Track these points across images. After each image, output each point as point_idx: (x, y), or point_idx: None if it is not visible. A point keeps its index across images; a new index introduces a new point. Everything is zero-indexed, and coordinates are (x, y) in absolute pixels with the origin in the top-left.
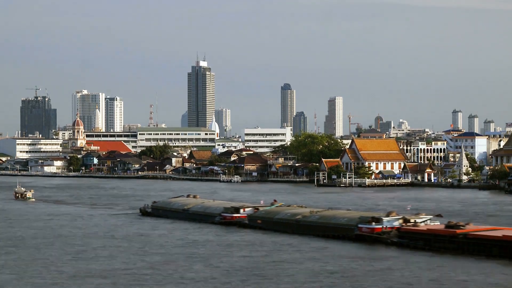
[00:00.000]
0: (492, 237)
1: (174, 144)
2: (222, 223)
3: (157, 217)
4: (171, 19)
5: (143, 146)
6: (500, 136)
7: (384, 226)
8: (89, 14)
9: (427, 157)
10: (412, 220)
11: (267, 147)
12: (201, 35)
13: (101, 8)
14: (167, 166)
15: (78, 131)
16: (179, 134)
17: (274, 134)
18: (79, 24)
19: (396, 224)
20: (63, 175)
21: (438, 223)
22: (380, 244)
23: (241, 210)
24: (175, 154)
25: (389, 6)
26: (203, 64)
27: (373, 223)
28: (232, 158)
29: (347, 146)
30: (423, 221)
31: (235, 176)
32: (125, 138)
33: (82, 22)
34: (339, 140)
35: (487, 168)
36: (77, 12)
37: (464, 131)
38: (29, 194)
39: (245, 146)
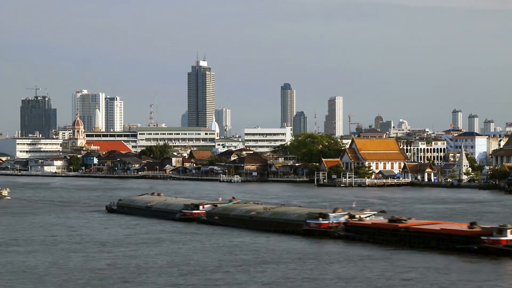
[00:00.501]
0: (431, 230)
1: (174, 144)
2: (182, 219)
3: (121, 214)
4: (171, 19)
5: (143, 146)
6: (500, 136)
7: (331, 222)
8: (89, 14)
9: (427, 157)
10: (357, 216)
11: (267, 147)
12: (201, 35)
13: (101, 8)
14: (167, 166)
15: (78, 131)
16: (179, 134)
17: (274, 134)
18: (79, 24)
19: (342, 219)
20: (63, 175)
21: (382, 218)
22: (327, 238)
23: (200, 207)
24: (175, 154)
25: (389, 7)
26: (203, 64)
27: (320, 218)
28: (232, 158)
29: (347, 146)
30: (368, 217)
31: (235, 176)
32: (125, 138)
33: (82, 22)
34: (339, 140)
35: (487, 168)
36: (77, 12)
37: (464, 131)
38: (4, 192)
39: (245, 146)
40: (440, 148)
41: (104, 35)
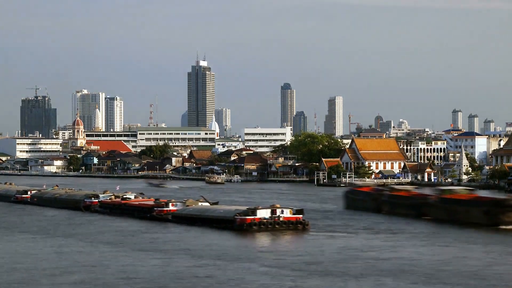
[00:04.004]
0: (134, 205)
1: (174, 144)
2: (15, 201)
3: None
4: (171, 19)
5: (143, 145)
6: (500, 136)
7: (99, 200)
8: (89, 14)
9: (427, 156)
10: (120, 196)
11: (267, 146)
12: (201, 35)
13: (101, 8)
14: (167, 165)
15: (78, 131)
16: (179, 134)
17: (274, 134)
18: (79, 24)
19: (108, 199)
20: (63, 174)
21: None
22: (92, 212)
23: (29, 192)
24: (175, 153)
25: (388, 8)
26: (203, 64)
27: (93, 198)
28: (232, 158)
29: (347, 146)
30: (127, 197)
31: (235, 175)
32: (125, 138)
33: (82, 22)
34: (339, 140)
35: (487, 167)
36: (77, 12)
37: (464, 130)
38: None
39: (245, 146)
40: (440, 148)
41: (104, 35)
